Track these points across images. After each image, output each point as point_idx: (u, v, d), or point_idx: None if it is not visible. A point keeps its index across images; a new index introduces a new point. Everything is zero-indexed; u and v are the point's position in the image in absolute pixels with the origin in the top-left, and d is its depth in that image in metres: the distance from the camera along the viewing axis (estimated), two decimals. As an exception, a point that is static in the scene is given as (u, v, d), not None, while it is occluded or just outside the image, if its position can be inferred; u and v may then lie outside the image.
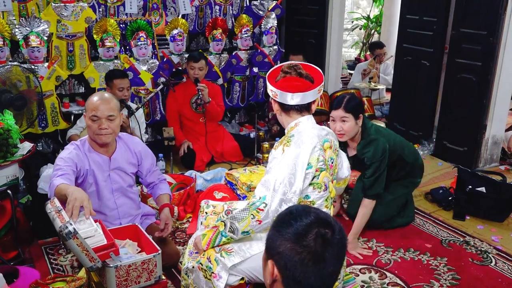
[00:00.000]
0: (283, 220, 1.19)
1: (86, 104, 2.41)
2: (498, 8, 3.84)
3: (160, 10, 4.49)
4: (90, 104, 2.37)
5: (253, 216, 1.90)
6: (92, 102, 2.37)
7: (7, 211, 2.80)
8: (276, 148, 2.03)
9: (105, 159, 2.47)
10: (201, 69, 4.15)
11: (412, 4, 4.73)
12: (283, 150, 1.98)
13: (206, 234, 2.04)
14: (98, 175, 2.46)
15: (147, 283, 1.99)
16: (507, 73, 4.01)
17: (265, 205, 1.89)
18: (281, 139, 2.07)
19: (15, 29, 3.70)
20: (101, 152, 2.47)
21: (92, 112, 2.35)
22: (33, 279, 2.33)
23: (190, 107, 4.29)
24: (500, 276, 2.74)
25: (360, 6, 8.99)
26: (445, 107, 4.43)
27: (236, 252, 2.01)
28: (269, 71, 2.13)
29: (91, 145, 2.46)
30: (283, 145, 2.00)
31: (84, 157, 2.42)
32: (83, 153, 2.43)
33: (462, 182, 3.49)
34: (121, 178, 2.55)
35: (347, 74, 7.07)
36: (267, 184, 1.93)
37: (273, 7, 4.98)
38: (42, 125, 3.94)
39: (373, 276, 2.72)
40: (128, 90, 3.75)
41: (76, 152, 2.40)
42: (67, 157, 2.34)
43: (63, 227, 1.75)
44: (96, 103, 2.35)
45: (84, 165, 2.41)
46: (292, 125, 2.08)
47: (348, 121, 2.84)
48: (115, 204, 2.55)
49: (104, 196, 2.51)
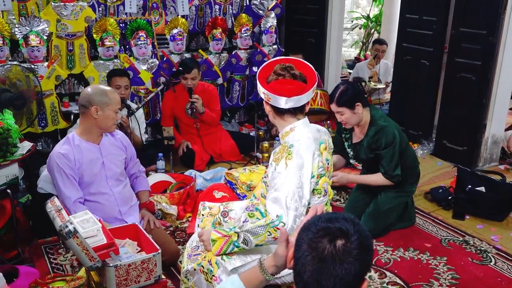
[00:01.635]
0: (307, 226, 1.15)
1: (107, 98, 2.49)
2: (498, 7, 3.84)
3: (160, 9, 4.49)
4: (114, 99, 2.52)
5: (269, 233, 1.89)
6: (113, 97, 2.53)
7: (6, 210, 2.80)
8: (278, 162, 1.94)
9: (95, 146, 2.58)
10: (194, 79, 4.05)
11: (412, 3, 4.73)
12: (286, 164, 1.91)
13: (216, 241, 1.97)
14: (92, 164, 2.55)
15: (147, 283, 1.99)
16: (506, 73, 4.01)
17: (283, 224, 1.87)
18: (279, 150, 1.98)
19: (15, 29, 3.70)
20: (92, 141, 2.58)
21: (118, 106, 2.54)
22: (33, 278, 2.33)
23: (185, 112, 4.26)
24: (500, 276, 2.74)
25: (360, 6, 8.99)
26: (445, 107, 4.43)
27: (237, 255, 1.99)
28: (259, 69, 2.02)
29: (81, 137, 2.55)
30: (285, 158, 1.92)
31: (77, 149, 2.52)
32: (74, 146, 2.52)
33: (462, 181, 3.49)
34: (114, 165, 2.65)
35: (346, 74, 7.06)
36: (280, 203, 1.88)
37: (272, 6, 4.98)
38: (41, 125, 3.94)
39: (372, 276, 2.72)
40: (127, 88, 3.73)
41: (68, 147, 2.51)
42: (65, 162, 2.46)
43: (63, 226, 1.75)
44: (116, 98, 2.54)
45: (79, 157, 2.51)
46: (287, 130, 2.02)
47: (344, 113, 2.89)
48: (111, 191, 2.63)
49: (100, 184, 2.59)
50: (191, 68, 4.03)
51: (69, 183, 2.48)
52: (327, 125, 4.46)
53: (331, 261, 1.06)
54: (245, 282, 1.40)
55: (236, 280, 1.40)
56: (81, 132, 2.56)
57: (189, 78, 4.03)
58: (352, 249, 1.06)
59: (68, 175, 2.47)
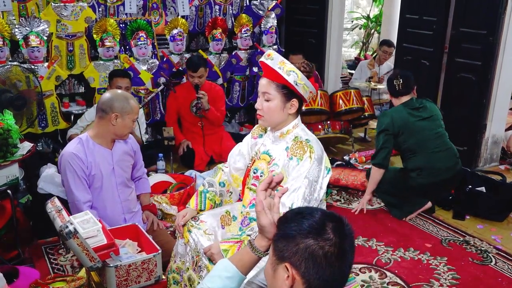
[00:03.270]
0: (292, 220, 1.18)
1: (128, 107, 2.45)
2: (498, 7, 3.84)
3: (160, 9, 4.49)
4: (135, 108, 2.49)
5: None
6: (135, 106, 2.50)
7: (7, 211, 2.80)
8: (301, 157, 1.94)
9: (108, 151, 2.54)
10: (200, 77, 4.05)
11: (412, 4, 4.73)
12: (310, 158, 1.93)
13: (228, 250, 1.93)
14: (103, 169, 2.51)
15: (147, 283, 1.99)
16: (507, 73, 4.01)
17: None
18: (296, 145, 1.98)
19: (15, 29, 3.70)
20: (104, 146, 2.53)
21: (137, 115, 2.52)
22: (33, 279, 2.34)
23: (190, 110, 4.27)
24: (500, 276, 2.74)
25: (360, 6, 8.99)
26: (445, 107, 4.42)
27: None
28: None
29: (94, 140, 2.51)
30: (309, 152, 1.94)
31: (89, 151, 2.48)
32: (87, 148, 2.48)
33: (462, 181, 3.49)
34: (123, 171, 2.61)
35: (346, 74, 7.07)
36: (297, 195, 1.89)
37: (273, 6, 4.98)
38: (42, 125, 3.94)
39: (373, 276, 2.72)
40: (127, 89, 3.73)
41: (81, 147, 2.47)
42: (78, 163, 2.42)
43: (64, 227, 1.75)
44: (137, 107, 2.52)
45: (91, 160, 2.48)
46: (290, 128, 2.04)
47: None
48: (119, 198, 2.60)
49: (108, 190, 2.55)
50: (197, 67, 4.02)
51: (81, 185, 2.42)
52: (327, 125, 4.45)
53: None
54: (238, 265, 1.38)
55: (228, 264, 1.38)
56: (94, 135, 2.50)
57: (196, 77, 4.04)
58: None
59: (80, 177, 2.41)
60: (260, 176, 2.07)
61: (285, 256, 1.15)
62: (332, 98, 4.47)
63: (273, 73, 1.95)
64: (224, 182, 2.32)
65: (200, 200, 2.25)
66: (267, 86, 1.98)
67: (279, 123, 2.05)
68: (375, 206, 3.59)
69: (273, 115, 2.01)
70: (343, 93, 4.47)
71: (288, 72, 1.93)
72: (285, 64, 1.94)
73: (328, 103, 4.41)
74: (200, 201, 2.25)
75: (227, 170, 2.33)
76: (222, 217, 2.24)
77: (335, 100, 4.45)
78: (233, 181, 2.30)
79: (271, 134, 2.11)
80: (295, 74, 1.94)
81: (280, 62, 1.94)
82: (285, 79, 1.94)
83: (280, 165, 2.00)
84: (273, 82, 1.97)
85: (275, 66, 1.94)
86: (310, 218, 1.16)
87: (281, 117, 2.02)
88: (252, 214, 2.09)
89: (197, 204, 2.24)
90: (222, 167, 2.37)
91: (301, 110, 2.07)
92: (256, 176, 2.08)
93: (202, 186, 2.31)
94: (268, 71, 1.98)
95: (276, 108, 1.99)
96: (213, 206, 2.27)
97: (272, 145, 2.09)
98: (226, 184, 2.32)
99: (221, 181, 2.32)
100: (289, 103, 1.99)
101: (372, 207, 3.58)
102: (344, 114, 4.47)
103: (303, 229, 1.14)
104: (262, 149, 2.12)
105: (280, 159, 2.02)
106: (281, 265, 1.16)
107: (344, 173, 3.90)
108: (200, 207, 2.24)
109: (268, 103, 1.99)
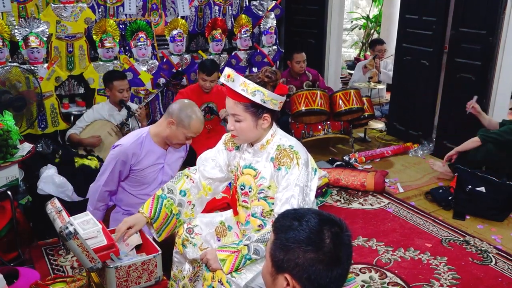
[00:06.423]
0: (290, 228, 1.16)
1: (187, 123, 2.48)
2: (497, 7, 3.84)
3: (160, 10, 4.49)
4: (194, 128, 2.50)
5: None
6: (197, 126, 2.51)
7: (7, 212, 2.80)
8: (289, 165, 1.90)
9: (162, 151, 2.65)
10: (213, 82, 3.99)
11: (411, 4, 4.73)
12: (298, 164, 1.90)
13: (225, 260, 1.88)
14: (153, 167, 2.64)
15: (147, 284, 1.99)
16: (506, 73, 4.01)
17: None
18: (280, 155, 1.94)
19: (15, 30, 3.70)
20: (161, 145, 2.65)
21: (193, 134, 2.53)
22: (33, 280, 2.33)
23: None
24: (500, 276, 2.74)
25: (359, 6, 8.98)
26: (445, 107, 4.43)
27: (247, 268, 1.92)
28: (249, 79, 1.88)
29: (153, 138, 2.61)
30: (296, 159, 1.90)
31: (144, 149, 2.59)
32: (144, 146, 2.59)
33: (462, 181, 3.49)
34: (171, 171, 2.72)
35: (346, 74, 7.07)
36: (290, 202, 1.87)
37: (272, 7, 4.98)
38: (41, 126, 3.94)
39: (373, 276, 2.72)
40: (128, 91, 3.75)
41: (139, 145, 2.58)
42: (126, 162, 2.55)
43: (64, 228, 1.75)
44: (200, 129, 2.54)
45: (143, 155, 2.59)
46: (269, 137, 1.98)
47: None
48: None
49: (151, 186, 2.68)
50: (212, 71, 3.95)
51: (116, 177, 2.59)
52: (327, 126, 4.45)
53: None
54: None
55: None
56: (155, 133, 2.60)
57: (209, 81, 4.00)
58: None
59: (119, 172, 2.57)
60: (249, 191, 2.02)
61: (285, 267, 1.15)
62: (332, 98, 4.47)
63: (237, 95, 1.86)
64: (186, 191, 2.15)
65: (155, 207, 2.09)
66: (234, 107, 1.90)
67: (256, 139, 1.99)
68: (375, 206, 3.59)
69: (247, 134, 1.95)
70: (343, 94, 4.47)
71: (253, 93, 1.84)
72: (248, 85, 1.84)
73: (328, 103, 4.41)
74: (155, 208, 2.09)
75: (196, 176, 2.19)
76: (217, 229, 2.20)
77: (335, 101, 4.45)
78: (202, 189, 2.20)
79: (249, 148, 2.03)
80: (261, 93, 1.85)
81: (242, 84, 1.84)
82: (250, 100, 1.85)
83: (267, 177, 1.96)
84: (239, 102, 1.88)
85: (237, 89, 1.85)
86: (307, 226, 1.14)
87: (256, 134, 1.96)
88: (248, 232, 2.08)
89: (151, 211, 2.08)
90: (189, 174, 2.20)
91: (277, 117, 2.00)
92: (245, 192, 2.03)
93: (160, 190, 2.15)
94: (231, 93, 1.88)
95: (249, 127, 1.92)
96: (168, 216, 2.11)
97: (254, 158, 2.01)
98: (188, 194, 2.16)
99: (182, 189, 2.15)
100: (261, 119, 1.91)
101: (372, 207, 3.58)
102: (344, 115, 4.47)
103: (302, 241, 1.13)
104: (242, 163, 2.05)
105: (267, 171, 1.96)
106: (281, 275, 1.16)
107: (344, 173, 3.90)
108: (153, 215, 2.08)
109: (240, 123, 1.91)
